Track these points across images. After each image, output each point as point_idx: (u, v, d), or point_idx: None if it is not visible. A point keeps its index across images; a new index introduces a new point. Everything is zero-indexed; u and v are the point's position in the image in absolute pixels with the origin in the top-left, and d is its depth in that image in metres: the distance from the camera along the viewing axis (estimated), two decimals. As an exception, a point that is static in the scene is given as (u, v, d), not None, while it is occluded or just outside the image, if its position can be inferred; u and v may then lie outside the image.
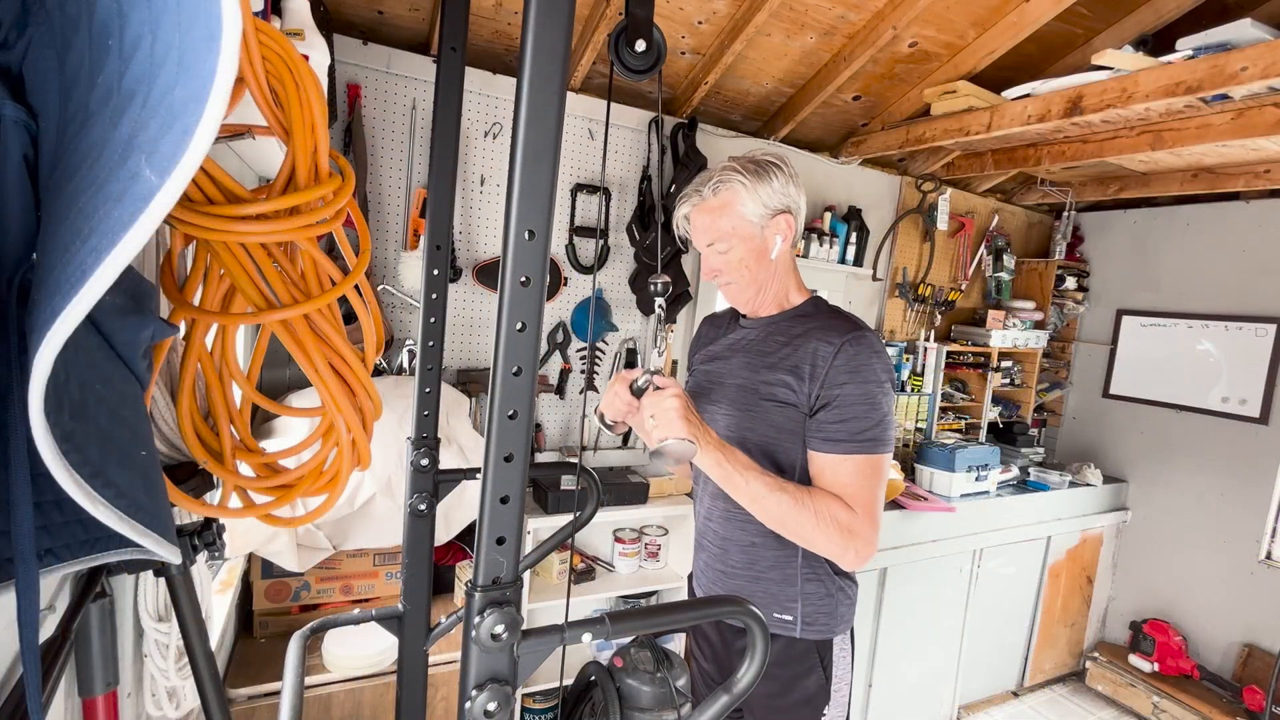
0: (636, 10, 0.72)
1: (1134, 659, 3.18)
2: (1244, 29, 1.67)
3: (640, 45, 0.73)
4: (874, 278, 3.15)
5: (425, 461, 0.99)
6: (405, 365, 2.11)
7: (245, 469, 0.87)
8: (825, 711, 1.24)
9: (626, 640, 1.19)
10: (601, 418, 1.20)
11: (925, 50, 2.28)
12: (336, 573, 1.89)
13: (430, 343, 0.97)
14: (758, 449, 1.19)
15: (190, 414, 0.80)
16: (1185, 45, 1.78)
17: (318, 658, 1.74)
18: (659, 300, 1.10)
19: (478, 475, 0.52)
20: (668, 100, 2.54)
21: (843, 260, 2.93)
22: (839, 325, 1.15)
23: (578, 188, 2.42)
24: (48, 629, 0.78)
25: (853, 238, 2.94)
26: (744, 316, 1.32)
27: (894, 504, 2.68)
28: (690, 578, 1.47)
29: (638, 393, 1.11)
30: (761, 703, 1.25)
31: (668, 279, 1.17)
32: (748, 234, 1.17)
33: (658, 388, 1.07)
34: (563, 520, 2.11)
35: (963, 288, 3.42)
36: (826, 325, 1.16)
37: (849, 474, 1.11)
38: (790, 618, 1.21)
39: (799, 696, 1.22)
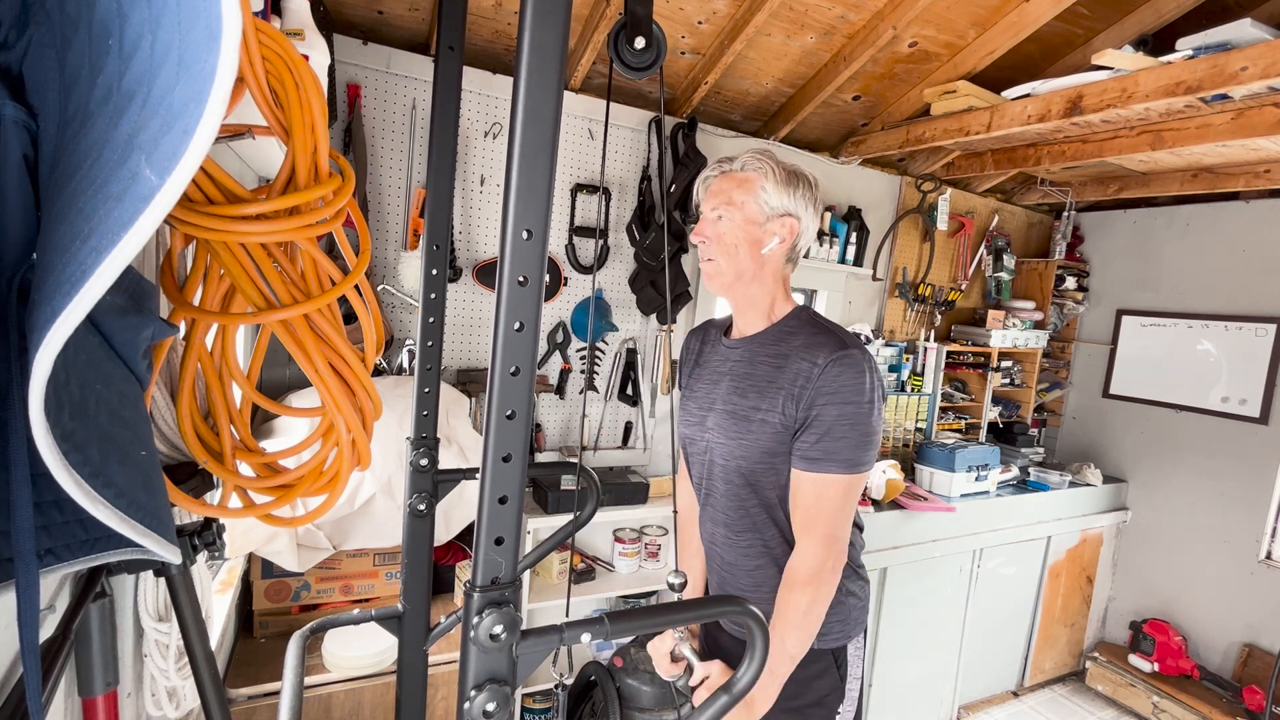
0: (636, 8, 0.72)
1: (1134, 659, 3.18)
2: (1244, 29, 1.67)
3: (640, 43, 0.73)
4: (874, 278, 3.15)
5: (425, 461, 0.99)
6: (405, 365, 2.11)
7: (245, 469, 0.87)
8: (839, 711, 1.24)
9: (627, 640, 1.19)
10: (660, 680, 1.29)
11: (925, 50, 2.28)
12: (336, 573, 1.89)
13: (429, 343, 0.97)
14: (752, 473, 1.19)
15: (190, 414, 0.80)
16: (1185, 45, 1.78)
17: (318, 658, 1.74)
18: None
19: (477, 475, 0.52)
20: (668, 100, 2.54)
21: (843, 260, 2.94)
22: (825, 343, 1.13)
23: (577, 188, 2.42)
24: (48, 629, 0.78)
25: (853, 238, 2.94)
26: (728, 334, 1.31)
27: (894, 504, 2.68)
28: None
29: (676, 658, 1.20)
30: (774, 704, 1.25)
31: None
32: (751, 216, 1.18)
33: (688, 662, 1.16)
34: (562, 520, 2.11)
35: (963, 288, 3.41)
36: (812, 343, 1.14)
37: (819, 494, 1.13)
38: None
39: (812, 697, 1.22)
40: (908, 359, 3.18)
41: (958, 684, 2.98)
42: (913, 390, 3.16)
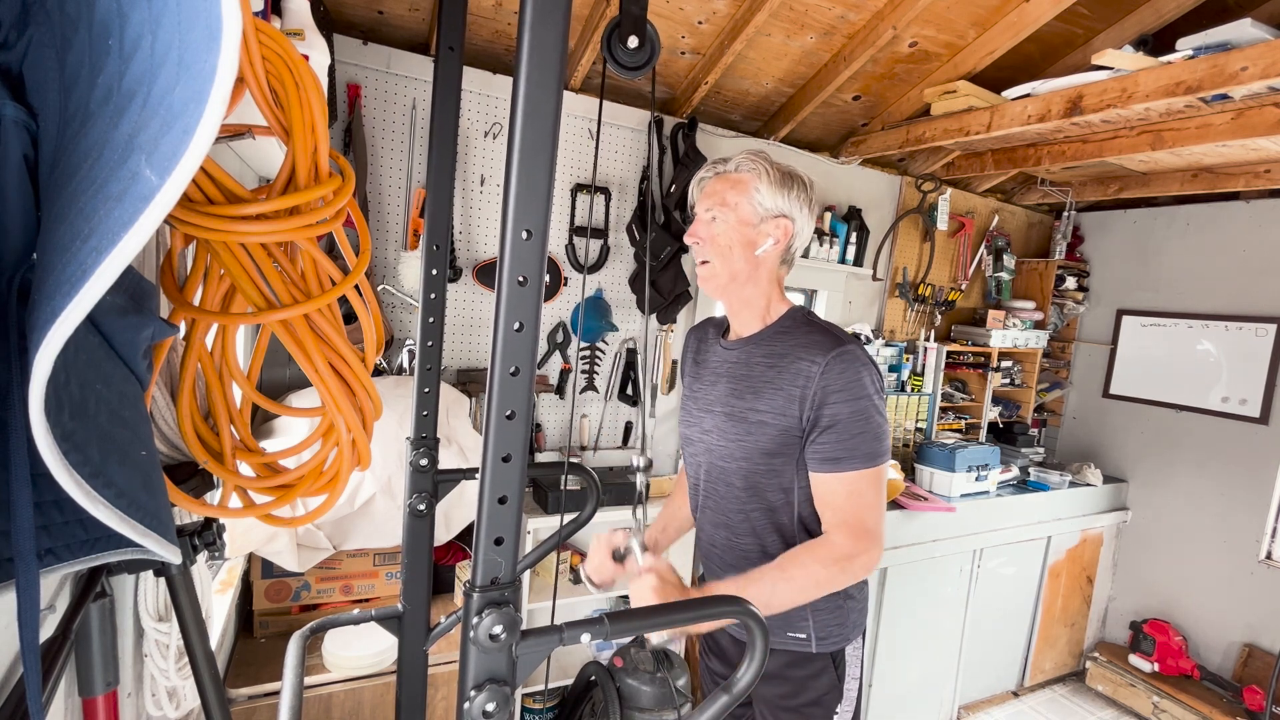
0: (630, 7, 0.72)
1: (1134, 659, 3.18)
2: (1244, 29, 1.67)
3: (633, 41, 0.73)
4: (874, 278, 3.15)
5: (425, 461, 0.99)
6: (405, 365, 2.11)
7: (245, 469, 0.87)
8: (837, 710, 1.24)
9: (626, 640, 1.19)
10: (589, 580, 1.22)
11: (925, 50, 2.28)
12: (336, 573, 1.89)
13: (429, 343, 0.97)
14: (752, 475, 1.19)
15: (190, 414, 0.80)
16: (1185, 45, 1.78)
17: (318, 658, 1.74)
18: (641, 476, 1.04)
19: (477, 475, 0.52)
20: (668, 100, 2.54)
21: (843, 260, 2.94)
22: (822, 341, 1.14)
23: (577, 188, 2.42)
24: (48, 629, 0.78)
25: (853, 238, 2.94)
26: (725, 335, 1.31)
27: (894, 504, 2.68)
28: (700, 580, 1.46)
29: (620, 558, 1.15)
30: (772, 703, 1.25)
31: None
32: (745, 218, 1.17)
33: (640, 551, 1.08)
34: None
35: (963, 288, 3.41)
36: (809, 343, 1.14)
37: (849, 492, 1.12)
38: (804, 635, 1.21)
39: (810, 697, 1.22)
40: (908, 359, 3.18)
41: (958, 684, 2.98)
42: (913, 390, 3.16)
